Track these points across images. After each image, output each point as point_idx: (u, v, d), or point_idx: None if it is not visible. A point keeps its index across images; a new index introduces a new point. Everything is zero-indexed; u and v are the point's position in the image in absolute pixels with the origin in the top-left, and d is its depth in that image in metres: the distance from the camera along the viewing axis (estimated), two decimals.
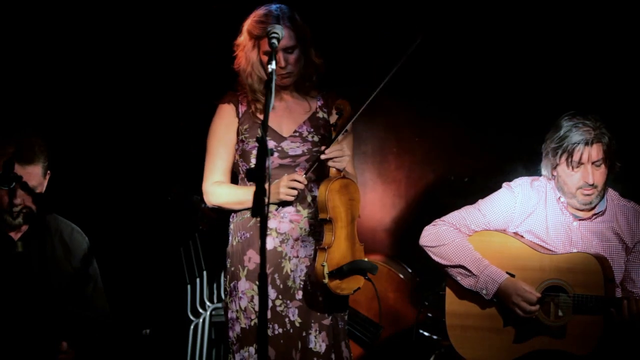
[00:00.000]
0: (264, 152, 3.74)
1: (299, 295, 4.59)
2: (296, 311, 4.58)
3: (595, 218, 4.72)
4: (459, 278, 4.73)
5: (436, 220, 4.86)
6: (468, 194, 5.12)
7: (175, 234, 4.83)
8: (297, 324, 4.57)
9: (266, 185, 3.70)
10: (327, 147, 4.49)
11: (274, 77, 4.13)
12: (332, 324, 4.63)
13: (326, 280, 4.41)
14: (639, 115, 5.57)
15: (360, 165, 6.09)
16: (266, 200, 3.67)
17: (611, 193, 4.77)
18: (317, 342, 4.58)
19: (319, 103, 4.74)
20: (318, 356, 4.57)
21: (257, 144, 4.51)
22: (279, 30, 4.33)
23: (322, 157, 4.49)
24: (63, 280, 4.43)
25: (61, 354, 4.27)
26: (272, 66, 4.16)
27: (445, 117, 5.94)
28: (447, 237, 4.77)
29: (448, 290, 4.82)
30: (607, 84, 5.63)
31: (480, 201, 4.85)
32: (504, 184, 4.85)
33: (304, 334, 4.57)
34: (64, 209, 4.57)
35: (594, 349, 4.52)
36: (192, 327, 5.93)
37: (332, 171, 4.51)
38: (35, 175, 4.32)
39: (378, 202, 6.13)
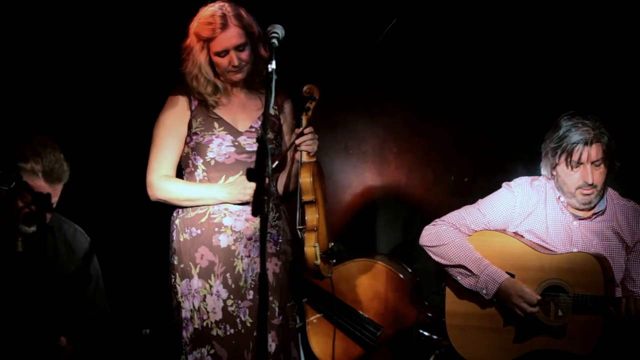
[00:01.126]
0: (264, 152, 3.74)
1: (250, 295, 4.58)
2: (247, 311, 4.58)
3: (595, 217, 4.72)
4: (459, 278, 4.73)
5: (436, 220, 4.87)
6: (468, 194, 5.14)
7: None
8: (249, 324, 4.57)
9: (267, 185, 3.71)
10: (302, 132, 4.50)
11: (274, 77, 4.13)
12: (282, 323, 4.63)
13: (318, 262, 4.43)
14: (638, 114, 5.56)
15: (360, 165, 6.09)
16: (266, 199, 3.68)
17: (611, 192, 4.77)
18: (267, 342, 4.56)
19: None
20: (268, 356, 4.55)
21: (213, 138, 4.56)
22: (279, 30, 4.34)
23: (297, 140, 4.50)
24: (64, 280, 4.43)
25: (62, 351, 4.28)
26: (272, 65, 4.16)
27: (445, 116, 5.94)
28: (447, 236, 4.77)
29: (448, 290, 4.83)
30: (606, 83, 5.63)
31: (480, 201, 4.86)
32: (504, 184, 4.85)
33: (255, 334, 4.55)
34: (66, 208, 4.56)
35: (594, 349, 4.52)
36: None
37: (305, 155, 4.52)
38: (58, 192, 4.35)
39: (378, 202, 6.13)
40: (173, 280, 4.66)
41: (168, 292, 4.69)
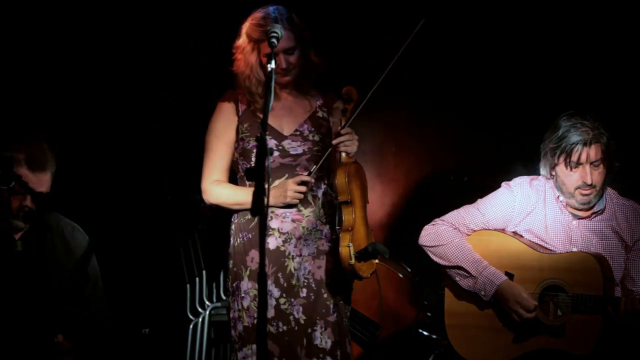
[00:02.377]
0: (263, 152, 3.74)
1: (303, 292, 4.60)
2: (300, 308, 4.59)
3: (595, 217, 4.71)
4: (457, 278, 4.73)
5: (435, 219, 4.86)
6: (467, 193, 5.11)
7: (174, 234, 4.83)
8: (302, 321, 4.58)
9: (265, 185, 3.71)
10: (339, 132, 4.51)
11: (273, 77, 4.15)
12: (337, 320, 4.64)
13: (353, 262, 4.44)
14: (638, 114, 5.56)
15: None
16: (265, 199, 3.68)
17: (610, 192, 4.76)
18: (323, 339, 4.58)
19: (318, 102, 4.75)
20: (324, 352, 4.57)
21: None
22: (278, 30, 4.35)
23: (334, 141, 4.51)
24: (63, 279, 4.42)
25: (60, 347, 4.28)
26: (272, 65, 4.18)
27: (444, 116, 5.94)
28: (446, 237, 4.77)
29: (447, 290, 4.83)
30: (605, 83, 5.63)
31: (479, 200, 4.86)
32: (503, 184, 4.85)
33: (309, 330, 4.58)
34: (64, 208, 4.56)
35: (593, 349, 4.51)
36: (191, 326, 5.92)
37: (344, 156, 4.53)
38: (45, 181, 4.33)
39: (377, 201, 6.12)
40: (227, 282, 4.70)
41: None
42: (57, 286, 4.36)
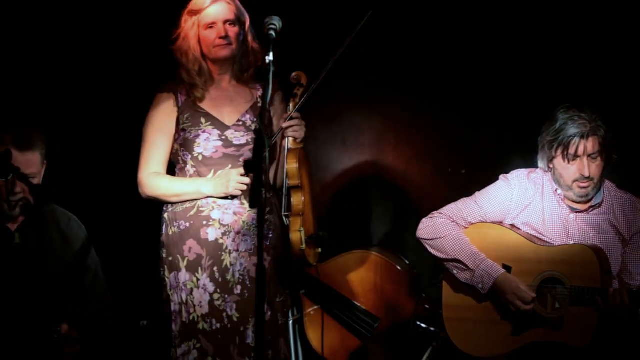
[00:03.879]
0: (261, 145, 3.74)
1: (238, 289, 4.58)
2: (234, 306, 4.57)
3: (592, 210, 4.71)
4: (455, 272, 4.74)
5: (433, 212, 4.86)
6: (465, 186, 5.12)
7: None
8: (235, 319, 4.57)
9: (265, 178, 3.72)
10: (290, 116, 4.53)
11: (272, 68, 4.15)
12: (271, 319, 4.62)
13: (304, 247, 4.44)
14: (635, 107, 5.55)
15: (357, 157, 6.09)
16: (264, 192, 3.68)
17: (608, 185, 4.76)
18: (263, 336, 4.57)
19: (259, 93, 4.75)
20: (255, 351, 4.54)
21: (200, 133, 4.56)
22: (277, 22, 4.35)
23: (285, 124, 4.51)
24: (61, 270, 4.43)
25: (66, 336, 4.29)
26: (270, 57, 4.18)
27: (443, 108, 5.93)
28: (443, 230, 4.77)
29: (445, 283, 4.83)
30: (603, 76, 5.62)
31: (477, 193, 4.86)
32: (501, 176, 4.85)
33: (242, 328, 4.56)
34: (63, 200, 4.56)
35: (591, 340, 4.51)
36: None
37: (291, 142, 4.53)
38: (34, 162, 4.32)
39: (375, 194, 6.13)
40: (162, 273, 4.67)
41: (159, 286, 4.69)
42: (56, 277, 4.36)
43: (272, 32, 4.31)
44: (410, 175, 6.06)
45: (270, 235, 4.66)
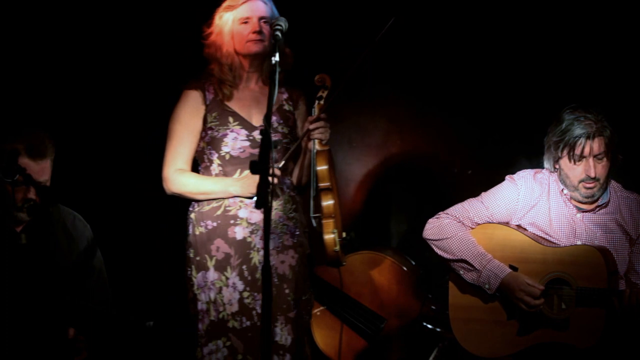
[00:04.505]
0: (268, 144, 3.74)
1: None
2: None
3: (599, 210, 4.71)
4: (461, 272, 4.73)
5: (440, 213, 4.86)
6: (472, 187, 5.11)
7: (179, 225, 4.83)
8: None
9: (269, 178, 3.72)
10: (317, 117, 4.52)
11: (277, 69, 4.15)
12: (297, 317, 4.63)
13: (338, 248, 4.44)
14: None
15: (364, 158, 6.09)
16: (269, 192, 3.68)
17: (614, 185, 4.76)
18: (283, 335, 4.58)
19: (284, 96, 4.76)
20: (284, 349, 4.58)
21: (228, 132, 4.57)
22: (283, 23, 4.36)
23: (310, 126, 4.51)
24: (67, 270, 4.43)
25: (75, 342, 4.30)
26: (276, 58, 4.19)
27: (449, 109, 5.93)
28: (450, 230, 4.77)
29: (451, 283, 4.82)
30: (609, 76, 5.62)
31: (483, 194, 4.85)
32: (507, 177, 4.85)
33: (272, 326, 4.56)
34: (68, 200, 4.57)
35: (597, 342, 4.51)
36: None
37: (318, 144, 4.55)
38: (46, 169, 4.34)
39: (382, 195, 6.13)
40: (189, 272, 4.66)
41: (184, 286, 4.70)
42: (62, 277, 4.37)
43: (278, 33, 4.32)
44: (417, 176, 6.06)
45: (297, 233, 4.66)
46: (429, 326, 5.39)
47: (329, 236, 4.44)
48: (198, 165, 4.75)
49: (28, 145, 4.28)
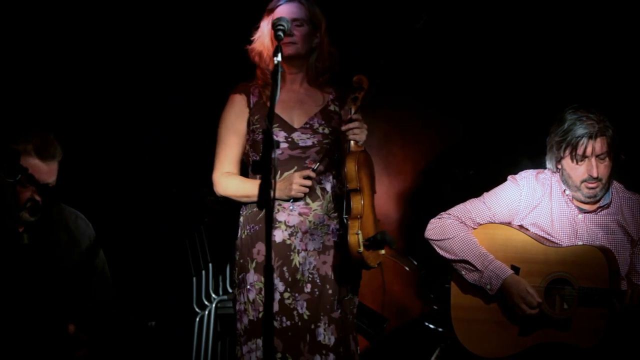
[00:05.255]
0: (269, 144, 3.73)
1: (308, 288, 4.57)
2: (305, 304, 4.56)
3: (601, 211, 4.70)
4: (463, 272, 4.73)
5: (442, 213, 4.85)
6: (474, 187, 5.10)
7: (180, 226, 4.84)
8: (306, 317, 4.56)
9: (272, 178, 3.70)
10: (349, 119, 4.50)
11: (280, 70, 4.13)
12: (341, 317, 4.62)
13: (361, 249, 4.42)
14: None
15: None
16: (272, 192, 3.67)
17: (616, 185, 4.75)
18: (327, 335, 4.56)
19: (331, 96, 4.74)
20: (327, 349, 4.55)
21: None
22: (285, 23, 4.34)
23: (344, 127, 4.50)
24: (69, 270, 4.42)
25: (75, 339, 4.30)
26: (278, 58, 4.17)
27: (450, 109, 5.93)
28: (452, 230, 4.76)
29: (453, 283, 4.82)
30: (610, 75, 5.61)
31: (485, 194, 4.85)
32: (509, 177, 4.84)
33: (312, 326, 4.55)
34: (70, 200, 4.55)
35: (599, 342, 4.51)
36: (197, 319, 5.93)
37: (352, 145, 4.53)
38: (54, 171, 4.34)
39: (384, 195, 6.12)
40: (235, 275, 4.68)
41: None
42: (64, 276, 4.36)
43: (280, 34, 4.31)
44: (418, 176, 6.06)
45: (340, 232, 4.65)
46: (431, 326, 5.39)
47: (352, 237, 4.44)
48: (247, 168, 4.76)
49: (38, 147, 4.28)
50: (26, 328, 4.23)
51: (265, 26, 4.65)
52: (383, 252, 4.63)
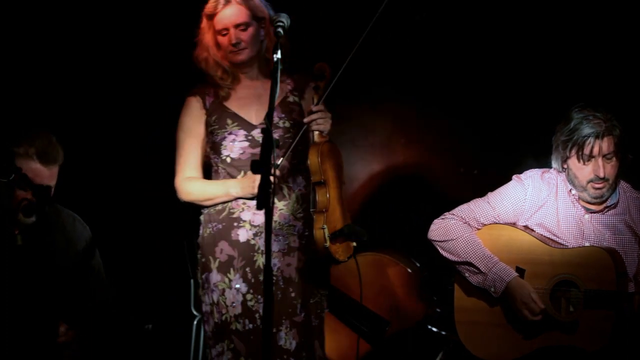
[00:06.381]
0: (269, 143, 3.69)
1: None
2: None
3: (607, 211, 4.67)
4: (467, 274, 4.70)
5: (445, 213, 4.82)
6: (478, 187, 5.08)
7: (178, 228, 4.82)
8: None
9: (273, 178, 3.67)
10: (311, 110, 4.46)
11: (279, 67, 4.10)
12: (304, 321, 4.58)
13: (327, 244, 4.38)
14: None
15: (367, 157, 6.07)
16: (271, 192, 3.64)
17: (623, 185, 4.73)
18: (288, 340, 4.54)
19: (289, 87, 4.69)
20: (288, 353, 4.54)
21: (226, 135, 4.52)
22: (285, 19, 4.30)
23: (306, 119, 4.45)
24: (64, 272, 4.41)
25: (61, 336, 4.29)
26: (278, 55, 4.14)
27: (454, 108, 5.90)
28: (455, 231, 4.72)
29: (456, 286, 4.79)
30: (616, 74, 5.58)
31: (489, 194, 4.82)
32: (514, 176, 4.81)
33: (274, 330, 4.51)
34: (67, 203, 4.55)
35: (606, 345, 4.47)
36: (195, 322, 5.90)
37: (316, 135, 4.46)
38: (55, 174, 4.35)
39: (386, 195, 6.10)
40: (199, 275, 4.65)
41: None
42: (60, 278, 4.34)
43: (280, 30, 4.27)
44: (421, 176, 6.03)
45: (306, 233, 4.61)
46: (434, 329, 5.37)
47: (317, 231, 4.39)
48: (210, 170, 4.72)
49: (40, 151, 4.29)
50: (20, 328, 4.22)
51: (206, 31, 4.60)
52: (354, 244, 4.57)
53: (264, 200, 3.63)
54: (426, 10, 4.39)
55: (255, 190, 4.42)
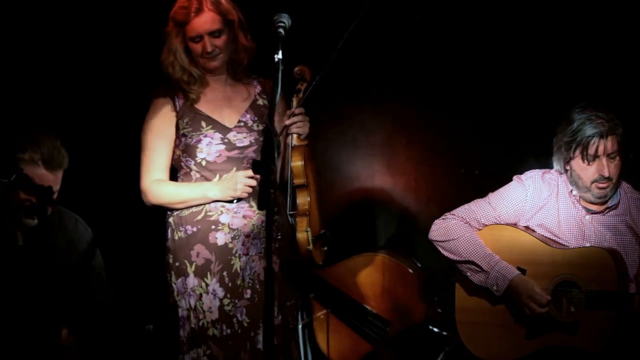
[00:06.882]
0: (270, 145, 3.68)
1: (247, 294, 4.54)
2: (244, 310, 4.53)
3: (608, 212, 4.67)
4: (469, 274, 4.69)
5: (446, 213, 4.83)
6: (479, 187, 5.08)
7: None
8: (245, 324, 4.52)
9: (273, 177, 3.67)
10: (292, 113, 4.46)
11: (280, 67, 4.10)
12: (282, 323, 4.57)
13: (310, 247, 4.39)
14: None
15: (368, 157, 6.05)
16: (272, 193, 3.64)
17: (624, 186, 4.73)
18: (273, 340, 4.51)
19: (257, 90, 4.69)
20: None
21: (202, 138, 4.51)
22: (286, 20, 4.29)
23: (287, 121, 4.45)
24: (65, 272, 4.40)
25: (62, 341, 4.27)
26: (279, 56, 4.12)
27: (455, 108, 5.89)
28: (456, 231, 4.72)
29: (458, 286, 4.79)
30: (616, 74, 5.57)
31: (490, 194, 4.82)
32: (515, 177, 4.81)
33: (252, 334, 4.51)
34: (68, 203, 4.54)
35: (607, 345, 4.47)
36: None
37: (296, 138, 4.47)
38: (59, 178, 4.33)
39: (387, 195, 6.08)
40: (169, 278, 4.62)
41: (165, 291, 4.64)
42: (60, 279, 4.33)
43: (281, 30, 4.26)
44: (422, 176, 6.02)
45: (279, 237, 4.60)
46: (435, 329, 5.37)
47: (301, 234, 4.40)
48: (177, 173, 4.68)
49: (45, 157, 4.26)
50: (21, 329, 4.21)
51: (175, 36, 4.56)
52: (325, 248, 4.58)
53: (265, 200, 3.62)
54: (426, 10, 4.38)
55: (237, 193, 4.45)
